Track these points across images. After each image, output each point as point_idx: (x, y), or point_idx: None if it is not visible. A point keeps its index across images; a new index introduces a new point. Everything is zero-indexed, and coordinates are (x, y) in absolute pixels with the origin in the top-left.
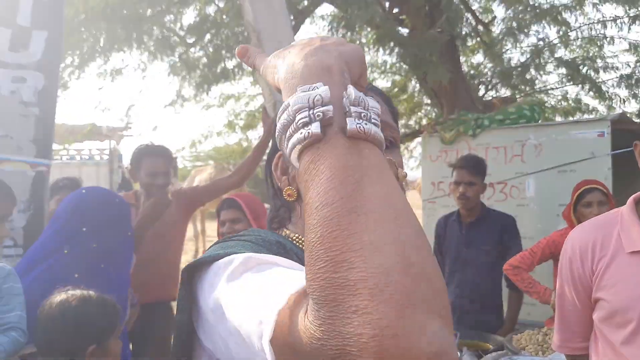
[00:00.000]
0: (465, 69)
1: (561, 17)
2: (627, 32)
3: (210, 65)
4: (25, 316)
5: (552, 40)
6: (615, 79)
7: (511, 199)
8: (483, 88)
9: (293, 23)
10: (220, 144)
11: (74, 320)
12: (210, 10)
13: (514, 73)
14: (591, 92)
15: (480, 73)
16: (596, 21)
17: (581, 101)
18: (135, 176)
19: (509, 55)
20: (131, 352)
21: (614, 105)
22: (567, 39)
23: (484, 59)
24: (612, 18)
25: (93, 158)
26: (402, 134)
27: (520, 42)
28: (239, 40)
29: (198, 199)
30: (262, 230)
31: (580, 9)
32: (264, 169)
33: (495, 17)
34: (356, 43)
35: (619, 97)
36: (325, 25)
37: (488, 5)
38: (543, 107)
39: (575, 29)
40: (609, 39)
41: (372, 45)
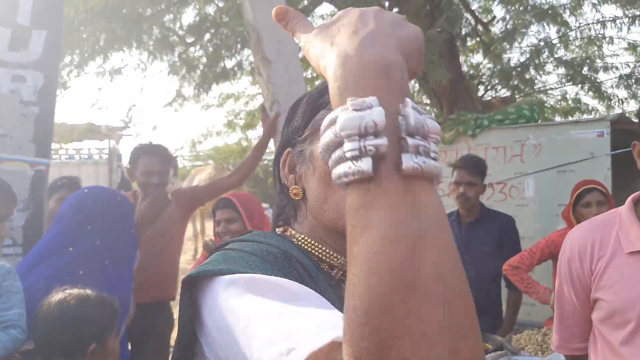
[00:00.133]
0: (465, 69)
1: (560, 18)
2: (627, 32)
3: (210, 65)
4: (25, 314)
5: (552, 40)
6: (614, 79)
7: (510, 199)
8: (482, 88)
9: None
10: (219, 144)
11: (73, 320)
12: (210, 10)
13: (513, 73)
14: (590, 92)
15: (480, 73)
16: (595, 21)
17: (581, 101)
18: (132, 176)
19: (509, 55)
20: (130, 351)
21: (613, 105)
22: (567, 39)
23: (484, 59)
24: (611, 18)
25: (92, 157)
26: None
27: (520, 42)
28: (238, 39)
29: (198, 198)
30: (266, 234)
31: (580, 9)
32: (271, 165)
33: (494, 17)
34: None
35: (618, 97)
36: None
37: (488, 5)
38: (542, 107)
39: (575, 29)
40: (608, 39)
41: None
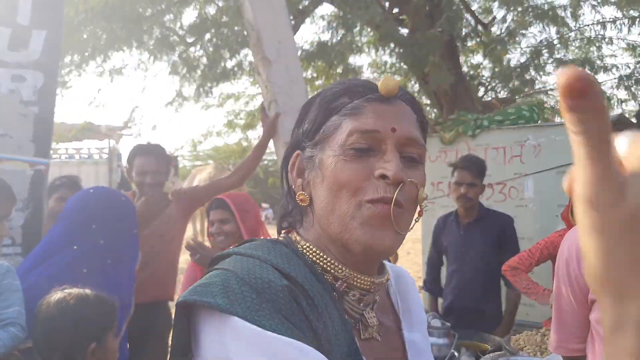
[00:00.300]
0: (465, 69)
1: (562, 20)
2: (627, 33)
3: (211, 66)
4: (24, 312)
5: (553, 40)
6: (614, 80)
7: (510, 200)
8: (482, 89)
9: (293, 23)
10: (220, 144)
11: (73, 319)
12: (210, 10)
13: (513, 74)
14: None
15: (480, 74)
16: (595, 22)
17: None
18: (130, 175)
19: (509, 56)
20: (129, 351)
21: (612, 105)
22: (567, 40)
23: (484, 59)
24: (611, 19)
25: (92, 157)
26: None
27: (520, 43)
28: (238, 40)
29: (198, 199)
30: (270, 246)
31: (579, 9)
32: (271, 165)
33: (495, 18)
34: (356, 43)
35: (617, 97)
36: (324, 25)
37: (488, 6)
38: (542, 108)
39: (575, 30)
40: (607, 39)
41: (372, 46)
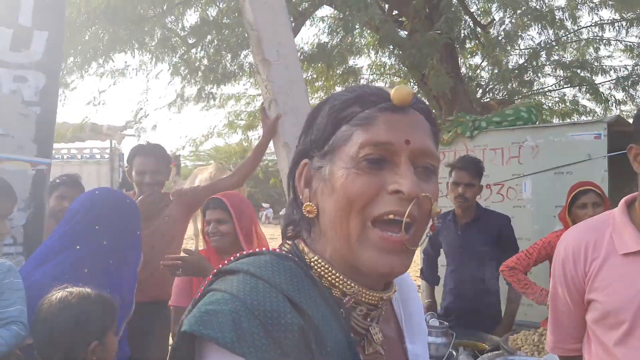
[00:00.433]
0: (463, 70)
1: (561, 21)
2: (625, 34)
3: (211, 68)
4: (26, 310)
5: (552, 41)
6: (612, 81)
7: (508, 200)
8: (481, 90)
9: (293, 24)
10: (221, 144)
11: (75, 318)
12: (212, 12)
13: (511, 75)
14: (588, 95)
15: (479, 75)
16: (594, 24)
17: (578, 103)
18: (131, 176)
19: (507, 58)
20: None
21: (610, 107)
22: (565, 41)
23: (482, 61)
24: (609, 21)
25: (94, 157)
26: None
27: (518, 45)
28: (239, 41)
29: (198, 199)
30: (279, 265)
31: (577, 11)
32: (271, 165)
33: (493, 19)
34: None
35: (615, 98)
36: (324, 27)
37: (487, 8)
38: (540, 109)
39: (573, 32)
40: (605, 41)
41: (371, 48)
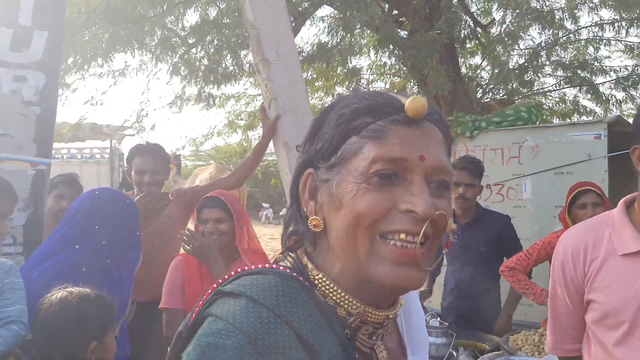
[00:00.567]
0: (463, 70)
1: (561, 21)
2: (625, 34)
3: (211, 69)
4: (26, 310)
5: (554, 40)
6: (612, 82)
7: (508, 201)
8: (481, 90)
9: (293, 24)
10: (221, 144)
11: (75, 318)
12: (212, 12)
13: (512, 75)
14: (588, 95)
15: (479, 75)
16: (594, 24)
17: (579, 103)
18: (130, 175)
19: (508, 57)
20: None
21: (611, 107)
22: (565, 41)
23: (482, 61)
24: (610, 21)
25: (94, 157)
26: None
27: (518, 45)
28: (239, 41)
29: (198, 198)
30: (282, 295)
31: (577, 11)
32: (271, 165)
33: (493, 19)
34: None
35: (615, 99)
36: (324, 27)
37: (487, 7)
38: (540, 110)
39: (573, 32)
40: (605, 41)
41: (371, 47)
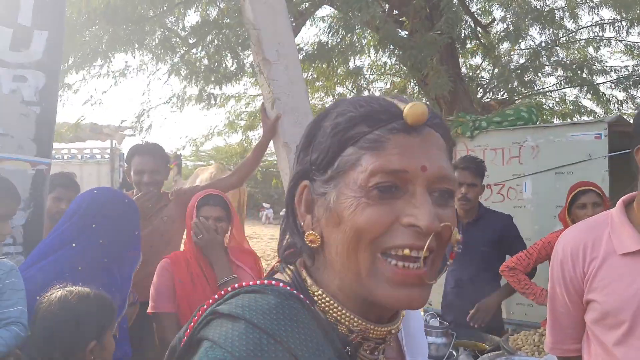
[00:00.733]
0: (464, 70)
1: (561, 20)
2: (626, 34)
3: (212, 69)
4: (26, 311)
5: (556, 39)
6: (612, 81)
7: (508, 200)
8: (481, 90)
9: (293, 24)
10: (221, 144)
11: (74, 317)
12: (212, 12)
13: (512, 75)
14: (589, 95)
15: (479, 75)
16: (594, 24)
17: (579, 103)
18: (129, 175)
19: (510, 56)
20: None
21: (611, 107)
22: (566, 41)
23: (482, 61)
24: (610, 21)
25: (94, 157)
26: None
27: (519, 45)
28: (239, 41)
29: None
30: (282, 318)
31: (578, 11)
32: (271, 166)
33: (494, 19)
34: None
35: (616, 99)
36: (325, 27)
37: (487, 7)
38: (541, 110)
39: (573, 32)
40: (605, 41)
41: (371, 47)
